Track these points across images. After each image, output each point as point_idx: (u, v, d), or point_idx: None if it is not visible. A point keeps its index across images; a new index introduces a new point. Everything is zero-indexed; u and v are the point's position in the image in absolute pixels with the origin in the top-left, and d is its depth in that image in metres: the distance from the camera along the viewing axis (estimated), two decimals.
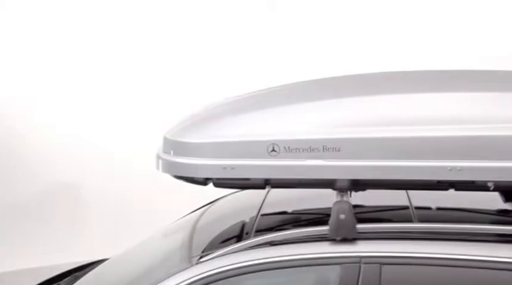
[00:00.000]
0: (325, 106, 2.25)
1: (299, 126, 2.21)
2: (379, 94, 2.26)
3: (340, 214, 2.09)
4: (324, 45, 4.60)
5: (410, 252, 2.02)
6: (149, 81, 4.96)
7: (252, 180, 2.27)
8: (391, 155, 2.13)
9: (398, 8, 4.49)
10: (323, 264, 2.05)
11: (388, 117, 2.16)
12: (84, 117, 5.17)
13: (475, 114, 2.10)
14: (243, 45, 4.75)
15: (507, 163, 2.04)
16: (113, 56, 5.05)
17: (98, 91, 5.12)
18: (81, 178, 5.20)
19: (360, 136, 2.15)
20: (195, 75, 4.81)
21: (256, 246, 2.12)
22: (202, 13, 4.83)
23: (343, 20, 4.58)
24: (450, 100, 2.17)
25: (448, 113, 2.12)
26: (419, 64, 4.05)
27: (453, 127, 2.08)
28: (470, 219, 2.45)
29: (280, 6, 4.72)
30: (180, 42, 4.87)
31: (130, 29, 4.96)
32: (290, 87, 2.53)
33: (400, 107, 2.18)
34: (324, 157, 2.18)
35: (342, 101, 2.25)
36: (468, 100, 2.16)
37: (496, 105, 2.13)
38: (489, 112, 2.11)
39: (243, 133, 2.24)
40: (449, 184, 2.18)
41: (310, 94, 2.38)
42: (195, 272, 2.07)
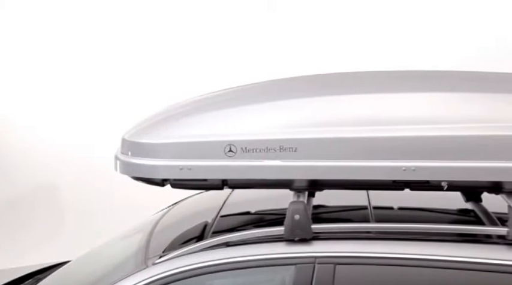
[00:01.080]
0: (282, 107, 2.25)
1: (256, 126, 2.22)
2: (336, 94, 2.27)
3: (295, 215, 2.09)
4: (324, 46, 4.61)
5: (364, 252, 2.03)
6: (144, 81, 4.94)
7: (209, 181, 2.27)
8: (347, 156, 2.14)
9: (398, 9, 4.51)
10: (278, 264, 2.05)
11: (344, 118, 2.17)
12: (62, 118, 5.14)
13: (428, 115, 2.12)
14: (242, 45, 4.75)
15: (460, 163, 2.07)
16: (96, 57, 5.03)
17: (78, 93, 5.09)
18: (60, 179, 5.17)
19: (316, 137, 2.15)
20: (194, 75, 4.78)
21: (212, 247, 2.12)
22: (201, 13, 4.81)
23: (343, 21, 4.58)
24: (405, 100, 2.18)
25: (402, 113, 2.14)
26: (418, 64, 4.16)
27: (407, 128, 2.09)
28: (429, 219, 2.48)
29: (280, 6, 4.74)
30: (179, 42, 4.85)
31: (126, 28, 4.95)
32: (248, 88, 2.53)
33: (355, 107, 2.19)
34: (280, 158, 2.18)
35: (298, 101, 2.25)
36: (422, 101, 2.17)
37: (450, 105, 2.15)
38: (443, 112, 2.13)
39: (200, 133, 2.23)
40: (404, 183, 2.20)
41: (267, 95, 2.38)
42: (151, 273, 2.06)
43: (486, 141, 2.06)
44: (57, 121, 5.15)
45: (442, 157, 2.09)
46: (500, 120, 2.08)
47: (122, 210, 4.83)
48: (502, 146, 2.05)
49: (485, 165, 2.06)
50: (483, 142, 2.06)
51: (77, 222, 5.16)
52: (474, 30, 4.42)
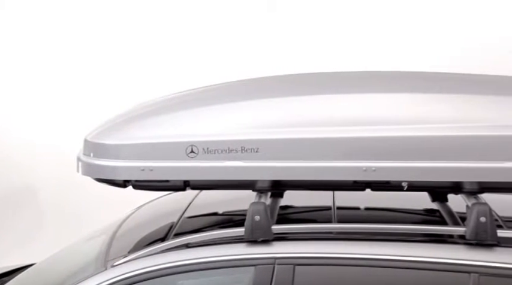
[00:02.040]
0: (244, 107, 2.25)
1: (218, 127, 2.21)
2: (297, 95, 2.27)
3: (255, 216, 2.08)
4: (324, 46, 4.61)
5: (323, 253, 2.03)
6: (143, 80, 4.90)
7: (171, 182, 2.26)
8: (308, 156, 2.14)
9: (398, 9, 4.52)
10: (238, 265, 2.04)
11: (305, 118, 2.17)
12: (39, 118, 5.10)
13: (388, 115, 2.13)
14: (242, 45, 4.73)
15: (420, 164, 2.08)
16: (75, 56, 4.98)
17: (56, 93, 5.04)
18: (38, 180, 5.12)
19: (278, 137, 2.15)
20: (193, 75, 4.75)
21: (173, 249, 2.11)
22: (201, 13, 4.79)
23: (343, 21, 4.58)
24: (366, 101, 2.19)
25: (362, 114, 2.15)
26: (417, 63, 4.18)
27: (367, 128, 2.10)
28: (392, 219, 2.48)
29: (280, 6, 4.73)
30: (179, 42, 4.82)
31: (123, 28, 4.91)
32: (210, 89, 2.52)
33: (316, 108, 2.19)
34: (242, 158, 2.17)
35: (260, 102, 2.25)
36: (383, 102, 2.18)
37: (410, 106, 2.16)
38: (403, 113, 2.14)
39: (162, 134, 2.22)
40: (365, 184, 2.21)
41: (229, 95, 2.38)
42: (110, 275, 2.05)
43: (445, 141, 2.07)
44: (34, 121, 5.10)
45: (402, 157, 2.10)
46: (460, 121, 2.09)
47: (103, 209, 4.79)
48: (461, 147, 2.07)
49: (445, 165, 2.08)
50: (443, 142, 2.08)
51: (57, 222, 5.11)
52: (465, 31, 4.45)
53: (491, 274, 1.91)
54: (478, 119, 2.09)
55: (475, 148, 2.06)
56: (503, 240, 1.99)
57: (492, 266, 1.92)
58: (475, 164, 2.06)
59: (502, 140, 2.04)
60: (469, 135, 2.06)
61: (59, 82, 5.03)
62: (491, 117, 2.09)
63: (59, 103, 5.03)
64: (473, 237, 1.99)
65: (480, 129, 2.06)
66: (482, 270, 1.91)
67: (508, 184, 2.10)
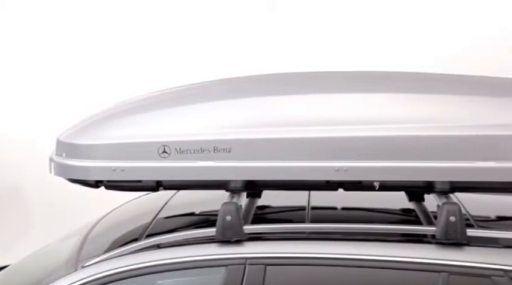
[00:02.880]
0: (216, 107, 2.24)
1: (190, 127, 2.20)
2: (270, 95, 2.26)
3: (227, 216, 2.08)
4: (324, 45, 4.61)
5: (294, 253, 2.03)
6: (142, 80, 4.88)
7: (143, 182, 2.24)
8: (280, 156, 2.14)
9: (399, 10, 4.53)
10: (209, 266, 2.03)
11: (278, 118, 2.16)
12: (27, 119, 5.06)
13: (360, 115, 2.13)
14: (242, 45, 4.73)
15: (391, 163, 2.08)
16: (64, 59, 4.95)
17: (42, 94, 5.01)
18: (25, 179, 5.09)
19: (250, 137, 2.15)
20: (193, 75, 4.73)
21: (143, 250, 2.09)
22: (201, 13, 4.78)
23: (343, 21, 4.58)
24: (337, 101, 2.19)
25: (334, 114, 2.15)
26: (417, 63, 4.18)
27: (339, 128, 2.10)
28: (366, 219, 2.49)
29: (280, 6, 4.72)
30: (178, 42, 4.81)
31: (123, 28, 4.88)
32: (182, 89, 2.51)
33: (289, 108, 2.19)
34: (215, 158, 2.17)
35: (232, 102, 2.25)
36: (355, 102, 2.18)
37: (381, 106, 2.16)
38: (374, 113, 2.14)
39: (134, 134, 2.20)
40: (337, 184, 2.21)
41: (201, 96, 2.37)
42: (79, 276, 2.03)
43: (417, 141, 2.07)
44: (21, 120, 5.07)
45: (373, 157, 2.10)
46: (431, 121, 2.10)
47: (93, 209, 4.77)
48: (432, 147, 2.07)
49: (416, 165, 2.09)
50: (414, 142, 2.08)
51: (45, 221, 5.08)
52: (455, 29, 4.48)
53: (461, 273, 1.91)
54: (449, 119, 2.09)
55: (445, 148, 2.06)
56: (473, 239, 2.00)
57: (461, 265, 1.92)
58: (445, 164, 2.06)
59: (472, 140, 2.05)
60: (439, 135, 2.06)
61: (47, 82, 5.00)
62: (462, 117, 2.10)
63: (46, 102, 5.00)
64: (443, 237, 2.00)
65: (451, 129, 2.06)
66: (451, 270, 1.92)
67: (478, 183, 2.11)
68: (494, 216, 2.51)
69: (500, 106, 2.09)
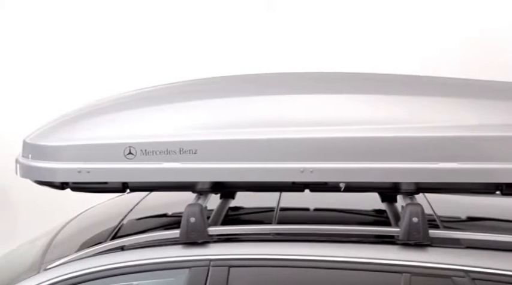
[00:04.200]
0: (182, 109, 2.24)
1: (156, 129, 2.20)
2: (235, 96, 2.26)
3: (191, 217, 2.07)
4: (324, 45, 4.60)
5: (258, 254, 2.03)
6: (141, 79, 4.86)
7: (109, 184, 2.23)
8: (246, 158, 2.14)
9: (399, 9, 4.54)
10: (173, 268, 2.02)
11: (243, 119, 2.16)
12: (10, 118, 5.03)
13: (324, 117, 2.13)
14: (242, 45, 4.70)
15: (356, 165, 2.09)
16: (48, 61, 4.90)
17: (26, 93, 4.97)
18: (10, 179, 5.05)
19: (216, 138, 2.15)
20: (193, 75, 4.71)
21: (107, 252, 2.08)
22: (201, 13, 4.76)
23: (343, 21, 4.57)
24: (303, 102, 2.18)
25: (299, 115, 2.14)
26: (417, 63, 4.23)
27: (304, 129, 2.10)
28: (335, 220, 2.47)
29: (280, 6, 4.70)
30: (178, 42, 4.78)
31: (125, 29, 4.85)
32: (149, 90, 2.50)
33: (255, 109, 2.19)
34: (180, 160, 2.16)
35: (198, 103, 2.24)
36: (320, 103, 2.18)
37: (346, 107, 2.17)
38: (339, 114, 2.15)
39: (99, 136, 2.19)
40: (303, 185, 2.22)
41: (167, 97, 2.36)
42: (41, 279, 2.02)
43: (381, 142, 2.08)
44: (4, 119, 5.05)
45: (339, 158, 2.11)
46: (395, 122, 2.11)
47: (78, 208, 4.75)
48: (396, 148, 2.08)
49: (381, 166, 2.09)
50: (379, 144, 2.09)
51: (31, 222, 5.04)
52: (439, 31, 4.51)
53: (423, 274, 1.92)
54: (413, 121, 2.10)
55: (410, 149, 2.07)
56: (436, 240, 2.01)
57: (423, 266, 1.93)
58: (409, 165, 2.07)
59: (436, 141, 2.06)
60: (403, 136, 2.07)
61: (30, 83, 4.96)
62: (425, 119, 2.11)
63: (29, 102, 4.96)
64: (405, 238, 2.00)
65: (414, 131, 2.07)
66: (413, 270, 1.92)
67: (442, 184, 2.12)
68: (462, 217, 2.52)
69: (463, 108, 2.10)
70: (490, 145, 2.05)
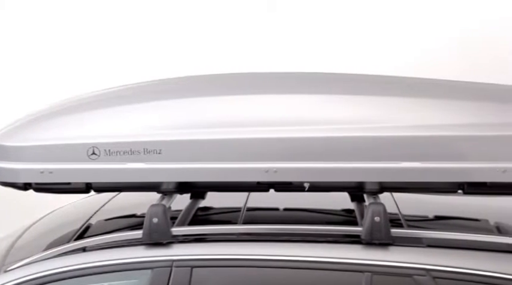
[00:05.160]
0: (146, 109, 2.22)
1: (120, 129, 2.18)
2: (200, 96, 2.24)
3: (154, 218, 2.06)
4: (324, 46, 4.60)
5: (221, 255, 2.03)
6: None
7: (73, 184, 2.21)
8: (211, 158, 2.13)
9: (402, 10, 4.55)
10: (135, 268, 2.01)
11: (208, 120, 2.15)
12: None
13: (289, 117, 2.12)
14: (242, 45, 4.69)
15: (319, 164, 2.09)
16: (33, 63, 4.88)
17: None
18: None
19: (181, 139, 2.14)
20: None
21: (69, 253, 2.07)
22: (201, 13, 4.73)
23: (343, 21, 4.58)
24: (267, 102, 2.18)
25: (263, 115, 2.14)
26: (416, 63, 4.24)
27: (268, 129, 2.10)
28: (301, 219, 2.48)
29: (280, 6, 4.69)
30: (178, 42, 4.75)
31: (125, 28, 4.83)
32: (114, 90, 2.48)
33: (219, 109, 2.18)
34: (145, 160, 2.15)
35: (163, 103, 2.22)
36: (284, 103, 2.18)
37: (310, 107, 2.17)
38: (303, 114, 2.14)
39: (62, 136, 2.17)
40: (268, 185, 2.21)
41: (131, 97, 2.34)
42: (1, 281, 1.99)
43: (345, 142, 2.09)
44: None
45: (302, 158, 2.11)
46: (358, 122, 2.11)
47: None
48: (360, 148, 2.09)
49: (345, 166, 2.10)
50: (342, 143, 2.09)
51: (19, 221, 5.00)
52: (419, 31, 4.53)
53: (384, 273, 1.93)
54: (376, 120, 2.11)
55: (373, 148, 2.08)
56: (397, 239, 2.02)
57: (384, 265, 1.93)
58: (373, 164, 2.08)
59: (398, 141, 2.07)
60: (366, 136, 2.07)
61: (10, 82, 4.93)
62: (388, 118, 2.11)
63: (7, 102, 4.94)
64: (368, 237, 2.01)
65: (377, 130, 2.07)
66: (375, 269, 1.93)
67: (406, 183, 2.13)
68: (429, 216, 2.54)
69: (426, 108, 2.12)
70: (452, 145, 2.06)
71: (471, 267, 1.92)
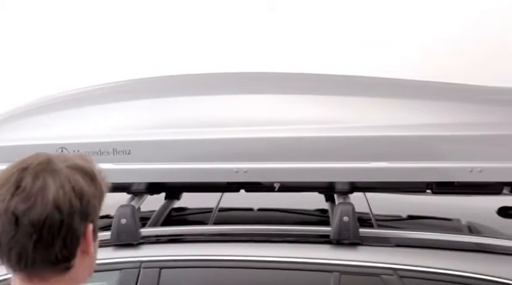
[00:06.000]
0: (115, 109, 2.21)
1: (88, 129, 2.17)
2: (169, 96, 2.24)
3: (122, 219, 2.05)
4: (324, 46, 4.58)
5: (190, 255, 2.01)
6: None
7: None
8: (180, 158, 2.13)
9: (402, 10, 4.56)
10: (103, 270, 1.96)
11: (177, 120, 2.15)
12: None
13: (258, 117, 2.12)
14: (242, 45, 4.65)
15: (289, 164, 2.09)
16: None
17: None
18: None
19: (150, 139, 2.13)
20: None
21: None
22: (201, 13, 4.70)
23: (343, 21, 4.56)
24: (236, 102, 2.18)
25: (233, 116, 2.14)
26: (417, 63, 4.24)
27: (238, 130, 2.10)
28: (276, 220, 2.46)
29: (280, 6, 4.67)
30: (178, 42, 4.71)
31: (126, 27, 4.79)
32: (82, 90, 2.45)
33: (188, 110, 2.17)
34: (114, 160, 2.13)
35: (132, 103, 2.21)
36: (254, 102, 2.17)
37: (280, 107, 2.16)
38: (273, 114, 2.14)
39: (31, 136, 2.15)
40: (238, 185, 2.22)
41: (100, 97, 2.32)
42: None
43: (314, 142, 2.09)
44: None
45: (272, 158, 2.11)
46: (328, 122, 2.11)
47: None
48: (330, 148, 2.09)
49: (314, 166, 2.10)
50: (312, 143, 2.09)
51: None
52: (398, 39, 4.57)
53: (352, 273, 1.93)
54: (345, 120, 2.11)
55: (342, 148, 2.08)
56: (366, 239, 2.02)
57: (352, 265, 1.94)
58: (342, 164, 2.09)
59: (367, 141, 2.07)
60: (336, 136, 2.08)
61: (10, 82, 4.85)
62: (358, 118, 2.12)
63: None
64: (336, 237, 2.01)
65: (347, 130, 2.08)
66: (343, 269, 1.93)
67: (375, 183, 2.15)
68: (401, 215, 2.54)
69: (394, 108, 2.12)
70: (420, 145, 2.07)
71: (438, 266, 1.93)
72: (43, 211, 1.11)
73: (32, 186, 1.13)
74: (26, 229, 1.11)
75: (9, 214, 1.11)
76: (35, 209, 1.11)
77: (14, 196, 1.12)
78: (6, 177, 1.17)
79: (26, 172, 1.15)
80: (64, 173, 1.16)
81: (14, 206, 1.11)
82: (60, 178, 1.15)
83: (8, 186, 1.14)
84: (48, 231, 1.12)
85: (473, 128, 2.05)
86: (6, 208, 1.11)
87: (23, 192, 1.12)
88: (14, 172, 1.17)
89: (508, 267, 1.96)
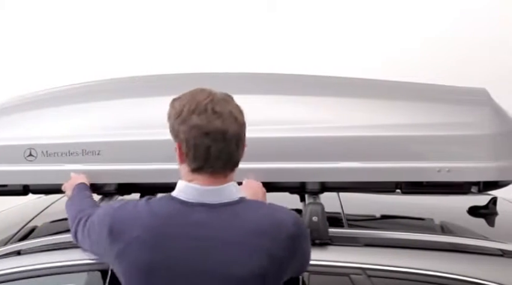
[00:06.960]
0: (85, 109, 2.19)
1: (57, 130, 2.15)
2: (137, 97, 2.22)
3: None
4: (324, 46, 4.63)
5: None
6: None
7: (9, 186, 2.19)
8: (150, 159, 2.12)
9: (402, 10, 4.58)
10: (72, 271, 1.96)
11: (147, 120, 2.13)
12: None
13: None
14: (242, 45, 4.69)
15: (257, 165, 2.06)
16: None
17: None
18: None
19: (119, 140, 2.12)
20: None
21: (2, 256, 2.01)
22: (201, 13, 4.73)
23: (343, 21, 4.62)
24: None
25: None
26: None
27: None
28: None
29: (280, 6, 4.71)
30: (178, 42, 4.75)
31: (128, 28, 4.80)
32: (51, 91, 2.44)
33: (157, 110, 2.14)
34: (83, 161, 2.12)
35: (101, 104, 2.20)
36: None
37: (254, 107, 2.15)
38: (248, 114, 2.15)
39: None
40: None
41: (69, 97, 2.31)
42: None
43: (284, 142, 2.09)
44: None
45: (245, 158, 2.11)
46: (298, 122, 2.12)
47: None
48: (300, 148, 2.10)
49: (285, 166, 2.10)
50: (281, 143, 2.10)
51: None
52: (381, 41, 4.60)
53: (321, 272, 1.93)
54: (316, 120, 2.12)
55: (312, 149, 2.09)
56: (335, 239, 2.02)
57: (321, 265, 1.93)
58: (312, 164, 2.09)
59: (337, 141, 2.08)
60: (306, 136, 2.08)
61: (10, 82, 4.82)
62: (328, 119, 2.13)
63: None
64: None
65: (317, 130, 2.09)
66: (312, 269, 1.90)
67: (345, 183, 2.15)
68: (374, 215, 2.55)
69: (364, 108, 2.13)
70: (389, 145, 2.08)
71: (407, 265, 1.93)
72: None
73: None
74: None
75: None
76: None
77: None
78: None
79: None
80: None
81: None
82: None
83: None
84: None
85: (441, 128, 2.06)
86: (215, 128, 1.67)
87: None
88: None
89: (479, 267, 1.97)
